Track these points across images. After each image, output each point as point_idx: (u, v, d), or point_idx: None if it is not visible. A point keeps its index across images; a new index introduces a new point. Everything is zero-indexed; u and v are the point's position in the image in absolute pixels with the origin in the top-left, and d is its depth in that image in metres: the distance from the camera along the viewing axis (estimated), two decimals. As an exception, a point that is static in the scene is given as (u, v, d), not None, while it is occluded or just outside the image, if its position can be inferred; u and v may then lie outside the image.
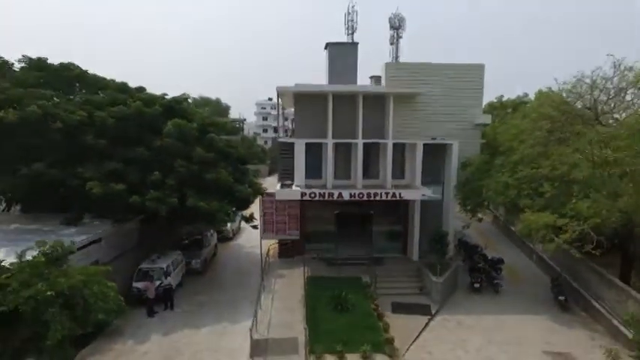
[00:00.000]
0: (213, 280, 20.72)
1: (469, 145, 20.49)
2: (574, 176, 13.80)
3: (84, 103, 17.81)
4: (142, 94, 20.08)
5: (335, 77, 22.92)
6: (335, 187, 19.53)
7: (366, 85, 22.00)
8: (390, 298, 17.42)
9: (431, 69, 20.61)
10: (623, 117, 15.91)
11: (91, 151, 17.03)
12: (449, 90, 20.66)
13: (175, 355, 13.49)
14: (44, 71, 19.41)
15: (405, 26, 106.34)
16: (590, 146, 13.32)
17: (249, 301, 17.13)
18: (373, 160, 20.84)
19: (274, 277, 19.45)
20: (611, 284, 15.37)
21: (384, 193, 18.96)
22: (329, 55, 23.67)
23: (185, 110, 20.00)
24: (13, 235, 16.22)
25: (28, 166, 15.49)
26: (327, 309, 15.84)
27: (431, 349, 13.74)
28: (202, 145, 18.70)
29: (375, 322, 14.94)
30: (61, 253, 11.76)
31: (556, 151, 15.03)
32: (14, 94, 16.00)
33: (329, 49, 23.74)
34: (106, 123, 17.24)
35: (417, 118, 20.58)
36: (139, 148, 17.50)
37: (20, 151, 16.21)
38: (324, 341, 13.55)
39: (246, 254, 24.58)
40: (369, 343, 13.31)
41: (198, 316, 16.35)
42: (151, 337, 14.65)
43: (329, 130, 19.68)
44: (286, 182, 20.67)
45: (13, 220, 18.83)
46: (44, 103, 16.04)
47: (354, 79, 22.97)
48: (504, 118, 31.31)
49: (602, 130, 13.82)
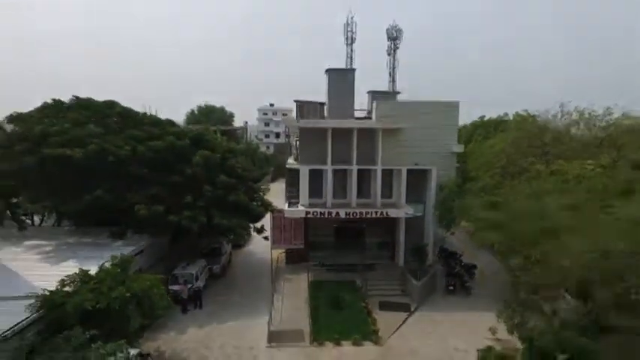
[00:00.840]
0: (231, 283, 24.61)
1: (446, 170, 24.40)
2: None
3: (128, 138, 21.71)
4: (173, 128, 24.02)
5: (334, 99, 26.49)
6: (334, 206, 23.45)
7: (359, 121, 25.80)
8: (379, 298, 21.33)
9: (413, 106, 24.58)
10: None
11: (135, 178, 20.94)
12: (429, 123, 24.52)
13: (209, 343, 17.41)
14: (91, 109, 23.32)
15: (401, 37, 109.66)
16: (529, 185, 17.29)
17: (263, 301, 21.10)
18: (366, 182, 24.77)
19: (283, 280, 23.41)
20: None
21: (374, 211, 22.93)
22: (328, 79, 27.09)
23: (209, 141, 23.92)
24: (77, 247, 20.19)
25: (90, 194, 19.42)
26: (326, 307, 19.81)
27: (407, 337, 17.68)
28: (224, 171, 22.64)
29: (364, 318, 18.92)
30: (126, 264, 15.69)
31: (509, 184, 18.97)
32: (78, 135, 19.91)
33: (328, 74, 27.15)
34: (145, 155, 21.18)
35: (402, 147, 24.43)
36: (174, 175, 21.43)
37: (81, 180, 20.11)
38: (324, 332, 17.54)
39: (257, 260, 28.40)
40: (360, 334, 17.33)
41: (223, 313, 20.24)
42: (187, 330, 18.56)
43: (328, 158, 23.60)
44: (293, 200, 24.59)
45: (67, 234, 22.76)
46: (100, 141, 19.99)
47: (352, 101, 26.74)
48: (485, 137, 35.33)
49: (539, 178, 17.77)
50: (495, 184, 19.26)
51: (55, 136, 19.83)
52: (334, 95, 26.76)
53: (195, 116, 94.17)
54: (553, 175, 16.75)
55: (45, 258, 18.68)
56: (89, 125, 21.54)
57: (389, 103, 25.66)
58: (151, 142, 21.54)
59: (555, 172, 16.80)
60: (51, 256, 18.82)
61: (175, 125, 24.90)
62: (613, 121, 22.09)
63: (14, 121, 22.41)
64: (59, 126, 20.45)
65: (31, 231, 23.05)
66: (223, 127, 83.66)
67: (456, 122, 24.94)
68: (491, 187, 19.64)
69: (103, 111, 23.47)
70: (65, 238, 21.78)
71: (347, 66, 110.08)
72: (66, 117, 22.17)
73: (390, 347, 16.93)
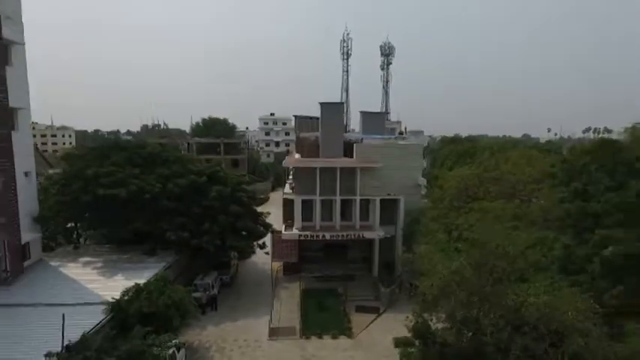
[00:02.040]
0: (238, 290, 30.43)
1: (413, 198, 30.27)
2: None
3: (158, 176, 27.57)
4: (192, 165, 29.88)
5: (326, 128, 32.81)
6: (321, 229, 29.37)
7: (342, 160, 31.44)
8: (355, 302, 27.13)
9: (386, 148, 30.55)
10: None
11: (164, 209, 26.80)
12: (399, 161, 30.41)
13: (225, 337, 23.23)
14: (127, 151, 29.15)
15: (394, 53, 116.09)
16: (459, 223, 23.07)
17: (265, 304, 26.96)
18: (348, 208, 30.62)
19: (280, 288, 29.29)
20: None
21: (353, 234, 28.82)
22: (321, 111, 33.26)
23: (221, 177, 29.73)
24: (120, 263, 26.00)
25: (131, 224, 25.30)
26: (313, 310, 25.70)
27: (373, 333, 23.54)
28: (234, 201, 28.47)
29: (342, 318, 24.79)
30: (165, 279, 21.56)
31: (452, 216, 24.77)
32: (121, 177, 25.78)
33: (321, 107, 33.25)
34: (173, 190, 27.04)
35: (377, 180, 30.28)
36: (195, 206, 27.29)
37: (125, 211, 25.97)
38: (311, 328, 23.41)
39: (259, 270, 34.17)
40: (337, 329, 23.19)
41: (233, 314, 26.07)
42: (207, 327, 24.38)
43: (317, 190, 29.46)
44: (289, 223, 30.46)
45: (109, 252, 28.49)
46: (138, 181, 25.88)
47: (341, 131, 33.34)
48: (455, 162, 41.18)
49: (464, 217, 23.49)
50: (443, 214, 24.99)
51: (104, 177, 25.71)
52: (326, 125, 33.05)
53: (200, 128, 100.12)
54: (480, 211, 22.48)
55: (100, 272, 24.52)
56: (128, 167, 27.38)
57: (367, 145, 31.51)
58: (176, 180, 27.41)
59: (480, 209, 22.53)
60: (104, 271, 24.65)
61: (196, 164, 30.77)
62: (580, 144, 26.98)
63: (67, 160, 28.33)
64: (105, 168, 26.32)
65: (81, 249, 28.92)
66: (227, 139, 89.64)
67: (421, 160, 30.88)
68: (440, 217, 25.40)
69: (136, 152, 29.28)
70: (108, 256, 27.58)
71: (343, 79, 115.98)
72: (109, 158, 28.03)
73: (359, 340, 22.79)
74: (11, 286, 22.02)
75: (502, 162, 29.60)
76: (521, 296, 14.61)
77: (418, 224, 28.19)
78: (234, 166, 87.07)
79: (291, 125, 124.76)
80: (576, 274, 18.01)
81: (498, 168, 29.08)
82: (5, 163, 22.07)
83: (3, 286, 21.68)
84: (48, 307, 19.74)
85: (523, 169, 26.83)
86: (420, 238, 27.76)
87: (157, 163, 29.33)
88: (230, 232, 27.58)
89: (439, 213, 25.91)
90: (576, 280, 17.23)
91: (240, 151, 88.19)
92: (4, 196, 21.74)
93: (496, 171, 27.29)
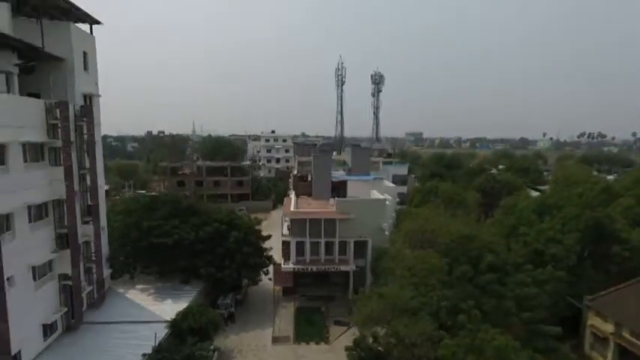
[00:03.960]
0: (248, 308, 40.85)
1: (378, 239, 40.76)
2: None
3: (192, 226, 38.06)
4: (217, 215, 40.37)
5: (317, 173, 44.70)
6: (310, 262, 39.92)
7: (326, 212, 41.93)
8: (334, 318, 37.61)
9: (358, 203, 41.07)
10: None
11: (197, 250, 37.34)
12: (368, 212, 40.94)
13: (241, 342, 33.71)
14: (169, 205, 39.63)
15: (383, 82, 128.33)
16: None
17: (268, 319, 37.47)
18: (330, 247, 41.13)
19: (280, 307, 39.82)
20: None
21: (333, 267, 39.38)
22: (313, 159, 45.31)
23: (238, 224, 40.18)
24: (165, 289, 36.50)
25: (175, 263, 35.87)
26: (304, 323, 36.26)
27: (343, 340, 33.97)
28: (247, 243, 38.96)
29: (323, 329, 35.32)
30: (203, 304, 32.12)
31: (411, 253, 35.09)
32: (167, 229, 36.29)
33: (313, 157, 45.85)
34: (203, 237, 37.56)
35: (352, 226, 40.77)
36: (218, 247, 37.80)
37: (170, 253, 36.51)
38: (301, 337, 34.01)
39: (264, 291, 44.53)
40: (319, 338, 33.77)
41: (246, 326, 36.53)
42: (229, 336, 34.85)
43: (307, 234, 39.99)
44: (286, 257, 40.99)
45: (155, 280, 38.90)
46: (180, 232, 36.44)
47: (329, 174, 45.00)
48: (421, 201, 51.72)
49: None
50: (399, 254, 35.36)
51: (155, 229, 36.26)
52: (317, 171, 45.09)
53: (209, 149, 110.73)
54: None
55: (154, 297, 35.09)
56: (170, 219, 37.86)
57: (343, 201, 42.13)
58: (205, 228, 37.92)
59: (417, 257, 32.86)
60: (157, 296, 35.24)
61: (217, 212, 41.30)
62: None
63: (125, 214, 38.90)
64: (155, 222, 36.85)
65: (135, 278, 39.44)
66: (233, 163, 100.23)
67: (385, 212, 41.39)
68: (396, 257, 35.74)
69: (176, 206, 39.78)
70: (156, 283, 38.06)
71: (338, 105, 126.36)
72: (156, 210, 38.54)
73: (334, 345, 33.31)
74: (98, 309, 32.53)
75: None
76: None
77: (381, 259, 38.64)
78: (239, 185, 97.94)
79: (290, 143, 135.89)
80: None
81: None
82: (93, 221, 32.43)
83: (93, 309, 32.19)
84: (128, 324, 30.32)
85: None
86: (382, 271, 38.22)
87: (190, 213, 39.88)
88: (243, 266, 38.13)
89: (396, 253, 36.25)
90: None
91: (244, 173, 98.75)
92: (96, 244, 32.31)
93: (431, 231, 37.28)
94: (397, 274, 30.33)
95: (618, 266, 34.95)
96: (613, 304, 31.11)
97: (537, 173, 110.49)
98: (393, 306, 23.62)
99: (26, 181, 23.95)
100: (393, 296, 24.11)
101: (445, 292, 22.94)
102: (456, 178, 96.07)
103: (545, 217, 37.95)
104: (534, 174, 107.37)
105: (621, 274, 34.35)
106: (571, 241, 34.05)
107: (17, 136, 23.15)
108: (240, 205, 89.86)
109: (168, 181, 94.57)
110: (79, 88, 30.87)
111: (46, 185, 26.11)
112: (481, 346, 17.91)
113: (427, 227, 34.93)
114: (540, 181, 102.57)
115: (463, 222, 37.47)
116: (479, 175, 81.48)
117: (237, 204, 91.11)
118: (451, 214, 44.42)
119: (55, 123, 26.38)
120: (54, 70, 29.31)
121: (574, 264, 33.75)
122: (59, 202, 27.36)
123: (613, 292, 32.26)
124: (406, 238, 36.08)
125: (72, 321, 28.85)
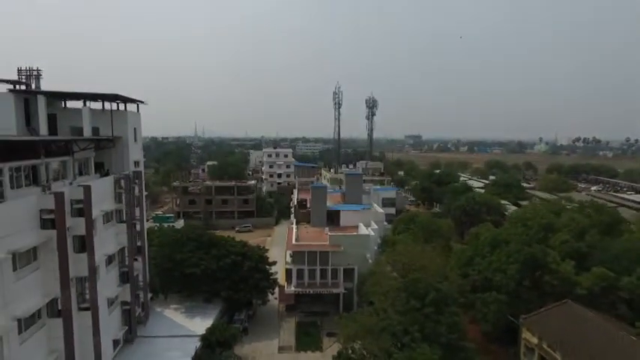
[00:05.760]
0: (258, 322, 50.47)
1: (363, 266, 50.41)
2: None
3: (213, 256, 47.73)
4: (233, 247, 50.01)
5: (315, 205, 54.49)
6: (308, 285, 49.64)
7: (321, 245, 51.60)
8: (327, 330, 47.19)
9: (347, 237, 50.82)
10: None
11: (218, 277, 46.99)
12: (355, 244, 50.63)
13: (254, 351, 43.34)
14: (193, 239, 49.26)
15: (377, 106, 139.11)
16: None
17: (275, 331, 47.10)
18: (324, 273, 50.85)
19: (284, 321, 49.49)
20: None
21: (327, 290, 49.11)
22: (312, 193, 54.85)
23: (250, 256, 49.81)
24: (192, 308, 46.20)
25: (202, 286, 45.60)
26: (302, 335, 45.93)
27: (333, 348, 43.58)
28: (257, 271, 48.60)
29: (318, 340, 45.01)
30: (223, 323, 41.81)
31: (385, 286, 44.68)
32: (195, 261, 45.95)
33: (312, 190, 54.76)
34: (223, 267, 47.22)
35: (342, 257, 50.44)
36: (234, 275, 47.45)
37: (198, 280, 46.13)
38: (301, 346, 43.75)
39: (270, 308, 54.22)
40: (315, 347, 43.51)
41: (257, 338, 46.08)
42: (244, 345, 44.48)
43: (305, 263, 49.71)
44: (289, 280, 50.67)
45: (183, 299, 48.51)
46: (205, 262, 46.15)
47: (325, 205, 54.82)
48: (401, 231, 61.58)
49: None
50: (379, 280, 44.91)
51: (186, 260, 45.98)
52: (315, 204, 54.90)
53: (217, 169, 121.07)
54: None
55: (185, 315, 44.80)
56: (197, 252, 47.50)
57: (335, 236, 51.86)
58: (224, 260, 47.57)
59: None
60: (187, 313, 44.95)
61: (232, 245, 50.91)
62: None
63: (158, 247, 48.57)
64: (185, 255, 46.55)
65: (168, 298, 49.03)
66: (239, 182, 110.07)
67: (368, 244, 51.16)
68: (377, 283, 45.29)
69: (199, 239, 49.46)
70: (185, 303, 47.76)
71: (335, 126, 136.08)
72: (185, 245, 48.21)
73: (326, 353, 42.92)
74: (145, 325, 42.14)
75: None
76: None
77: (365, 283, 48.35)
78: (244, 203, 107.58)
79: (291, 159, 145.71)
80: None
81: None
82: (143, 258, 42.02)
83: (141, 325, 41.80)
84: (170, 338, 39.97)
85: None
86: (365, 294, 47.90)
87: (210, 245, 49.55)
88: (255, 288, 47.87)
89: (377, 279, 45.79)
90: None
91: (250, 191, 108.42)
92: (143, 276, 41.98)
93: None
94: (375, 299, 40.06)
95: (551, 290, 44.60)
96: (538, 322, 40.81)
97: (519, 189, 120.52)
98: (365, 327, 33.27)
99: (104, 238, 33.62)
100: (365, 320, 33.78)
101: (399, 319, 32.53)
102: (444, 194, 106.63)
103: (496, 250, 47.64)
104: (516, 189, 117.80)
105: (554, 296, 44.00)
106: (513, 271, 43.72)
107: (100, 207, 32.80)
108: (246, 222, 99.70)
109: (180, 199, 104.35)
110: (132, 157, 40.52)
111: (115, 238, 35.81)
112: (416, 357, 27.53)
113: (401, 259, 44.86)
114: (522, 197, 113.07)
115: (433, 253, 47.33)
116: (463, 194, 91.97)
117: (244, 220, 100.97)
118: (426, 240, 54.53)
119: (120, 192, 36.03)
120: (114, 145, 38.98)
121: (513, 289, 43.37)
122: (122, 248, 37.05)
123: (542, 312, 41.99)
124: (384, 268, 45.94)
125: (129, 335, 38.47)
